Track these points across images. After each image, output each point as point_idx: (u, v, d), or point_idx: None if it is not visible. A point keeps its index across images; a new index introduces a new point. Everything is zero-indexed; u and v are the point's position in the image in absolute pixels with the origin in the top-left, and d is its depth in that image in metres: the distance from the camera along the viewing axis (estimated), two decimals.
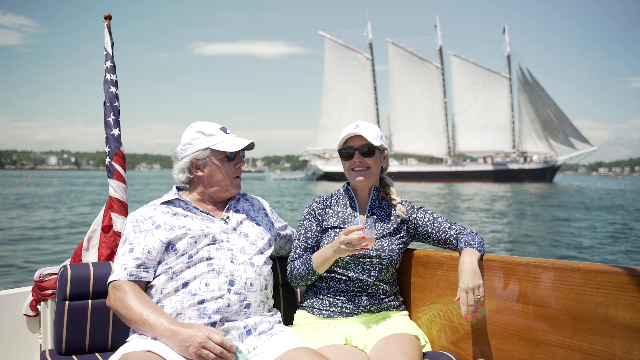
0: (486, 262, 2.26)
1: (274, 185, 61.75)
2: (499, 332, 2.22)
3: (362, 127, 2.42)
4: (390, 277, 2.46)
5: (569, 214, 23.83)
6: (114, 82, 3.05)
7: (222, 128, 2.37)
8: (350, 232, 2.17)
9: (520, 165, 75.67)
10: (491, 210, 24.46)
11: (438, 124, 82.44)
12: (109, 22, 3.12)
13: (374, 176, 2.48)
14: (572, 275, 1.99)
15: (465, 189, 51.78)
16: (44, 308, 2.64)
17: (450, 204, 31.23)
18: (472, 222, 20.07)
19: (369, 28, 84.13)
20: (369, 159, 2.42)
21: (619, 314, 1.86)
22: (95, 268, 2.45)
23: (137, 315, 2.01)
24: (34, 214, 21.56)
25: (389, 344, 2.16)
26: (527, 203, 31.33)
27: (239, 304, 2.13)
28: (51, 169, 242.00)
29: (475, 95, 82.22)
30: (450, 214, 23.66)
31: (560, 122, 76.86)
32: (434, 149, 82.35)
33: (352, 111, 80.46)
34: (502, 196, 37.56)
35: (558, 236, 16.40)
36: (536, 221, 20.84)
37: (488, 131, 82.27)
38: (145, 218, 2.24)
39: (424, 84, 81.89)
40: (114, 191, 2.93)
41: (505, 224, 19.52)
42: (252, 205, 2.50)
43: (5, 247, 12.52)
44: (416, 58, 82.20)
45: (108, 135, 2.99)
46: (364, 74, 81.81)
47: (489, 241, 14.66)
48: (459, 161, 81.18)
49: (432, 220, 2.45)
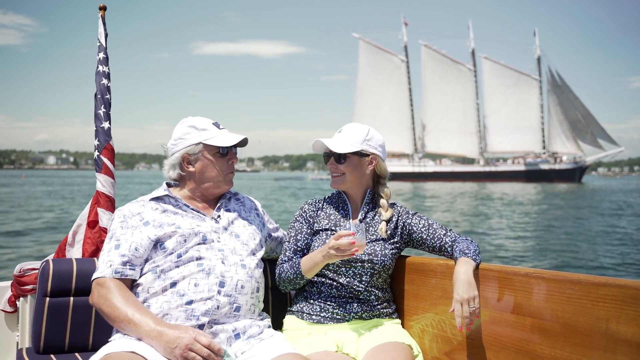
0: (483, 272, 2.20)
1: (312, 185, 62.21)
2: (494, 344, 2.16)
3: (343, 132, 2.38)
4: (383, 283, 2.40)
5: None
6: (107, 74, 2.98)
7: (214, 123, 2.30)
8: (341, 237, 2.10)
9: (551, 166, 76.75)
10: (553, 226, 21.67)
11: (470, 125, 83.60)
12: (103, 12, 3.05)
13: (350, 183, 2.39)
14: (573, 288, 1.94)
15: (500, 188, 52.31)
16: (23, 304, 2.54)
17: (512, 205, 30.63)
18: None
19: (404, 31, 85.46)
20: (341, 165, 2.36)
21: (621, 328, 1.81)
22: (78, 264, 2.37)
23: (121, 314, 1.93)
24: (17, 212, 21.28)
25: (382, 352, 2.10)
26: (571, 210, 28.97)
27: (229, 306, 2.06)
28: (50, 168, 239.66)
29: (505, 97, 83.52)
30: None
31: (589, 123, 77.83)
32: (466, 149, 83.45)
33: (387, 113, 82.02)
34: (544, 201, 36.06)
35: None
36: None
37: (518, 132, 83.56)
38: (134, 214, 2.16)
39: (456, 85, 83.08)
40: (102, 186, 2.85)
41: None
42: (244, 205, 2.43)
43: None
44: (448, 60, 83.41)
45: (98, 128, 2.92)
46: (399, 76, 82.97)
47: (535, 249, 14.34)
48: (492, 161, 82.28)
49: (427, 227, 2.39)
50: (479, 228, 18.77)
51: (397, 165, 79.49)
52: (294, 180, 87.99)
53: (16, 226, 16.44)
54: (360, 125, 2.42)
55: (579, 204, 32.35)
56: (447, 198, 35.12)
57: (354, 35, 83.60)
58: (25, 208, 23.77)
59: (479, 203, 31.95)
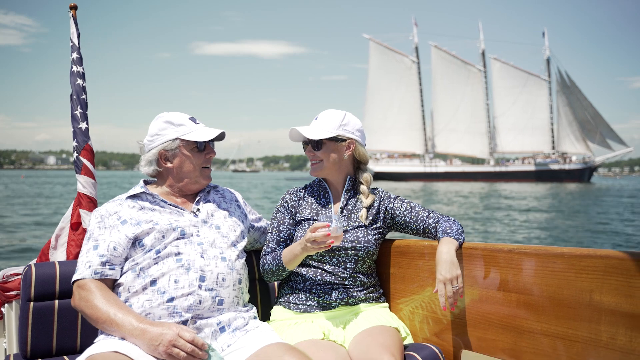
0: (467, 251, 2.19)
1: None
2: (482, 322, 2.16)
3: (319, 119, 2.37)
4: (368, 269, 2.38)
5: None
6: (81, 74, 2.95)
7: (191, 118, 2.28)
8: (317, 230, 2.08)
9: (561, 166, 76.76)
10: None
11: (480, 126, 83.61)
12: (74, 12, 3.00)
13: (328, 169, 2.37)
14: (555, 261, 1.93)
15: (512, 188, 52.22)
16: (8, 310, 2.52)
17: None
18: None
19: (414, 32, 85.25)
20: (318, 152, 2.34)
21: (604, 299, 1.80)
22: (61, 267, 2.34)
23: (103, 315, 1.91)
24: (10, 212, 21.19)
25: (369, 337, 2.08)
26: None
27: (211, 300, 2.04)
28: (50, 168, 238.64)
29: (515, 97, 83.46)
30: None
31: (597, 124, 77.73)
32: (476, 149, 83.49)
33: (397, 113, 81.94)
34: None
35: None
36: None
37: (527, 133, 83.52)
38: (111, 213, 2.14)
39: (466, 86, 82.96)
40: (83, 187, 2.82)
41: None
42: (224, 197, 2.40)
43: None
44: (458, 61, 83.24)
45: (75, 129, 2.88)
46: (410, 77, 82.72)
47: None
48: (502, 162, 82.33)
49: (409, 210, 2.37)
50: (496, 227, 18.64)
51: (408, 165, 79.52)
52: (306, 180, 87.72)
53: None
54: (336, 111, 2.39)
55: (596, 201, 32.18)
56: (461, 199, 34.58)
57: (364, 36, 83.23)
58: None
59: (497, 202, 31.64)
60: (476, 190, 46.88)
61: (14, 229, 15.92)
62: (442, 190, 46.57)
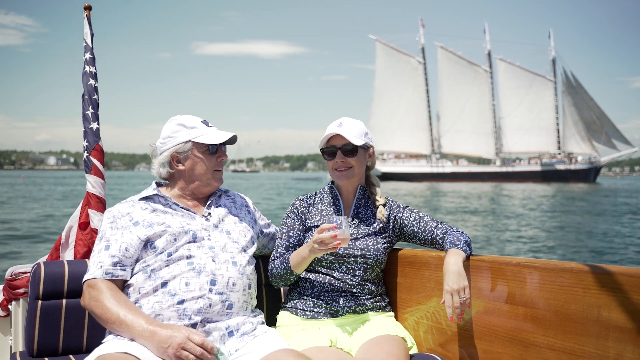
0: (475, 263, 2.21)
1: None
2: (487, 334, 2.17)
3: (345, 126, 2.36)
4: (376, 278, 2.40)
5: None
6: (94, 74, 2.96)
7: (203, 121, 2.30)
8: (324, 231, 2.10)
9: (567, 166, 77.01)
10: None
11: (486, 126, 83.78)
12: (88, 12, 3.03)
13: (357, 176, 2.41)
14: (564, 276, 1.94)
15: (519, 188, 52.21)
16: (16, 308, 2.53)
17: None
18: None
19: (421, 33, 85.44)
20: (352, 158, 2.36)
21: (612, 315, 1.82)
22: (70, 266, 2.35)
23: (113, 315, 1.92)
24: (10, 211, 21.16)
25: (375, 345, 2.10)
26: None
27: (221, 304, 2.05)
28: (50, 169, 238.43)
29: (520, 98, 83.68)
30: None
31: (603, 124, 78.00)
32: (482, 150, 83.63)
33: (404, 114, 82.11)
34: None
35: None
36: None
37: (533, 133, 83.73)
38: (123, 214, 2.15)
39: (472, 87, 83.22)
40: (92, 187, 2.83)
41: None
42: (234, 202, 2.42)
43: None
44: (465, 62, 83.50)
45: (86, 129, 2.90)
46: (417, 78, 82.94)
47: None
48: (508, 162, 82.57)
49: (417, 220, 2.39)
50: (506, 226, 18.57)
51: (415, 165, 79.70)
52: (312, 180, 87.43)
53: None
54: (355, 119, 2.43)
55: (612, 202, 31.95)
56: (471, 199, 34.42)
57: (371, 37, 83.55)
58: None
59: (507, 201, 31.46)
60: (483, 190, 46.85)
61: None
62: (448, 191, 46.63)
